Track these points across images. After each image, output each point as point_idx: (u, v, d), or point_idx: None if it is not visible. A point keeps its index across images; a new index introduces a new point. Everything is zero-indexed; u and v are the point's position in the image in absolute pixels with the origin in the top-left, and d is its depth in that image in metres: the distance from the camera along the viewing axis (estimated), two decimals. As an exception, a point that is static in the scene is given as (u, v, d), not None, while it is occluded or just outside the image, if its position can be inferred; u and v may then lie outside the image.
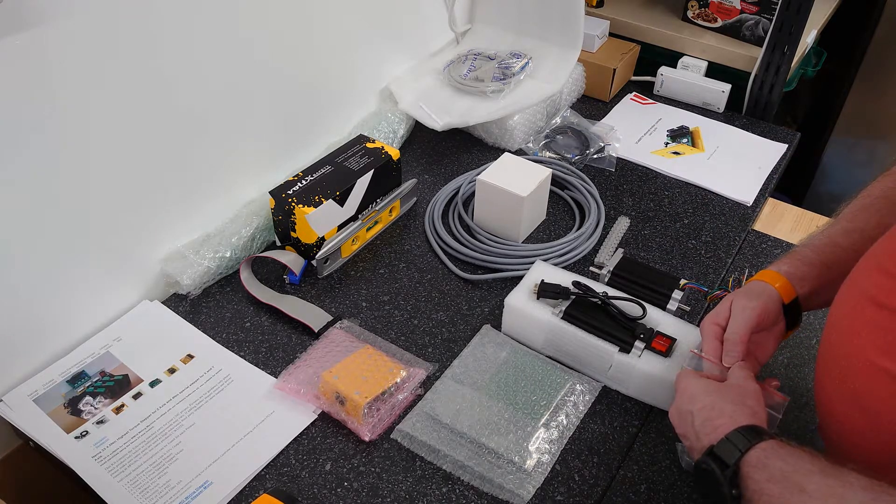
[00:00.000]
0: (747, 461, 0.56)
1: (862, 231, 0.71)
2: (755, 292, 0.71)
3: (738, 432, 0.58)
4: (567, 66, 1.18)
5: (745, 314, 0.69)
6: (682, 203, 1.06)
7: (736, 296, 0.72)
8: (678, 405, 0.66)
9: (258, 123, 0.96)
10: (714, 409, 0.62)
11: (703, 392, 0.64)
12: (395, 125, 1.12)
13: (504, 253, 0.95)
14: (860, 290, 0.59)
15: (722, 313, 0.72)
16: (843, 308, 0.61)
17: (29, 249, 0.75)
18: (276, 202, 0.90)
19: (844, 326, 0.60)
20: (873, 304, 0.56)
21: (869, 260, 0.61)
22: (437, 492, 0.70)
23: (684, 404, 0.65)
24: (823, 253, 0.73)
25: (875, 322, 0.56)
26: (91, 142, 0.76)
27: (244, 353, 0.83)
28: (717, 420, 0.60)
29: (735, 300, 0.71)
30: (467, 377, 0.79)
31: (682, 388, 0.66)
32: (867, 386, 0.56)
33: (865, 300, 0.58)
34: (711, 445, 0.59)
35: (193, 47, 0.82)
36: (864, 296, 0.58)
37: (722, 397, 0.63)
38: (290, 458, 0.73)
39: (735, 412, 0.61)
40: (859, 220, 0.72)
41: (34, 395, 0.77)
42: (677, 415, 0.66)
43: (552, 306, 0.80)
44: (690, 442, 0.63)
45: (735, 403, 0.62)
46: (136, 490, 0.69)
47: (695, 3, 1.30)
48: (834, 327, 0.62)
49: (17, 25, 0.65)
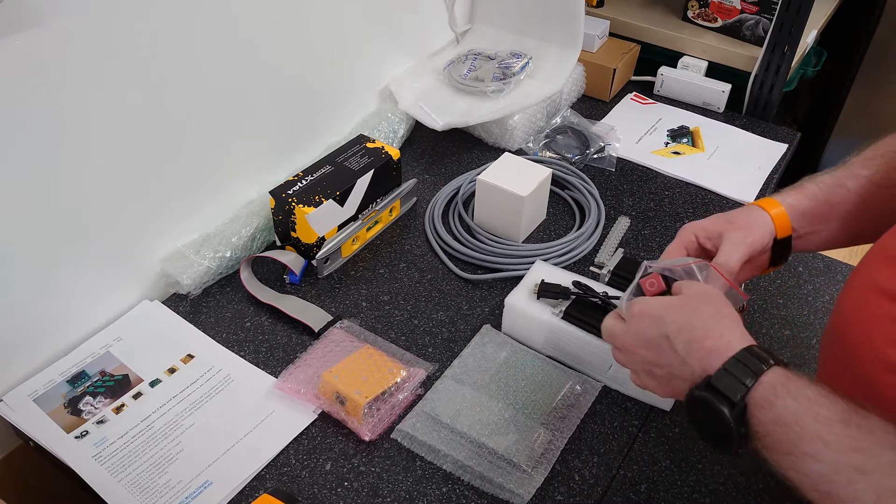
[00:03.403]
0: (752, 398, 0.51)
1: (870, 178, 0.69)
2: (751, 223, 0.69)
3: (738, 361, 0.52)
4: (567, 66, 1.18)
5: (740, 250, 0.66)
6: (682, 203, 1.06)
7: (731, 221, 0.68)
8: (640, 332, 0.58)
9: (258, 123, 0.96)
10: (696, 329, 0.55)
11: (670, 309, 0.57)
12: (395, 125, 1.12)
13: (504, 253, 0.95)
14: (871, 281, 0.58)
15: (713, 231, 0.69)
16: (852, 298, 0.60)
17: (29, 249, 0.75)
18: (276, 202, 0.90)
19: (854, 317, 0.58)
20: (885, 296, 0.55)
21: (878, 251, 0.60)
22: (437, 492, 0.70)
23: (650, 329, 0.57)
24: (828, 191, 0.70)
25: (888, 314, 0.54)
26: (91, 141, 0.76)
27: (244, 353, 0.83)
28: (705, 341, 0.54)
29: (729, 231, 0.68)
30: (467, 377, 0.79)
31: (638, 312, 0.59)
32: (877, 377, 0.54)
33: (877, 292, 0.56)
34: (709, 376, 0.53)
35: (193, 47, 0.82)
36: (875, 287, 0.57)
37: (696, 313, 0.56)
38: (290, 458, 0.73)
39: (724, 331, 0.54)
40: (868, 167, 0.70)
41: (34, 395, 0.77)
42: (643, 344, 0.58)
43: (552, 306, 0.80)
44: (671, 370, 0.56)
45: (715, 318, 0.55)
46: (136, 490, 0.69)
47: (695, 3, 1.30)
48: (842, 316, 0.60)
49: (17, 25, 0.65)
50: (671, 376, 0.57)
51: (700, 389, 0.53)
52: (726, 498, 0.70)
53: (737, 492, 0.70)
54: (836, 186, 0.70)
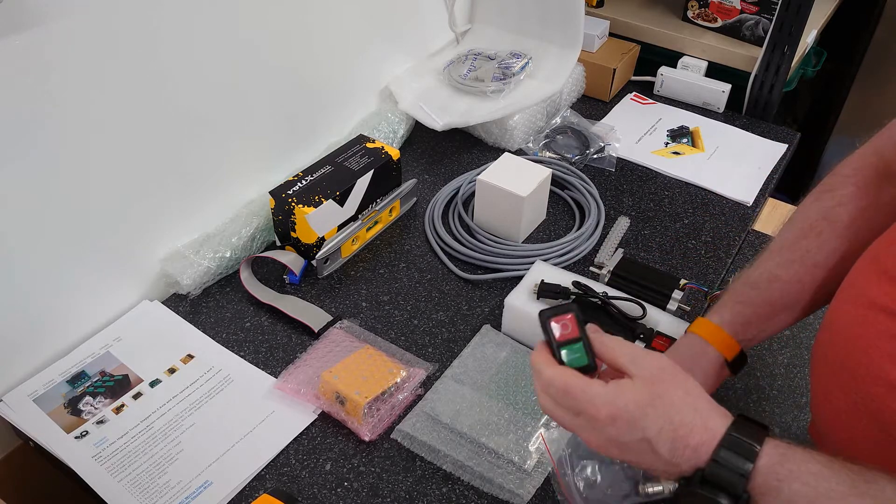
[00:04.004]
0: (754, 487, 0.48)
1: (802, 261, 0.67)
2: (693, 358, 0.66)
3: (728, 449, 0.49)
4: (567, 66, 1.18)
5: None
6: (682, 203, 1.06)
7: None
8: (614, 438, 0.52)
9: (258, 123, 0.96)
10: (678, 427, 0.50)
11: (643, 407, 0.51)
12: (395, 125, 1.12)
13: (504, 253, 0.95)
14: (866, 298, 0.57)
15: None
16: (848, 315, 0.59)
17: (29, 249, 0.75)
18: (276, 202, 0.90)
19: (849, 334, 0.57)
20: (884, 313, 0.54)
21: (869, 262, 0.59)
22: (437, 492, 0.70)
23: (626, 434, 0.51)
24: (765, 289, 0.68)
25: (887, 331, 0.53)
26: (91, 142, 0.76)
27: (244, 353, 0.83)
28: (689, 438, 0.50)
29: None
30: (467, 377, 0.79)
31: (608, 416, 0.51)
32: (879, 396, 0.53)
33: (873, 308, 0.55)
34: (700, 469, 0.50)
35: (193, 47, 0.82)
36: (871, 304, 0.55)
37: (672, 407, 0.51)
38: (290, 458, 0.73)
39: (706, 420, 0.51)
40: (799, 249, 0.68)
41: (34, 395, 0.77)
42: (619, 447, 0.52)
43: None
44: (655, 467, 0.52)
45: (690, 405, 0.51)
46: (136, 490, 0.69)
47: (695, 3, 1.30)
48: (836, 333, 0.59)
49: (17, 25, 0.65)
50: (655, 470, 0.53)
51: (697, 486, 0.49)
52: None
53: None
54: (771, 282, 0.68)
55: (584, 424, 0.53)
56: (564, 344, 0.57)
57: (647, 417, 0.51)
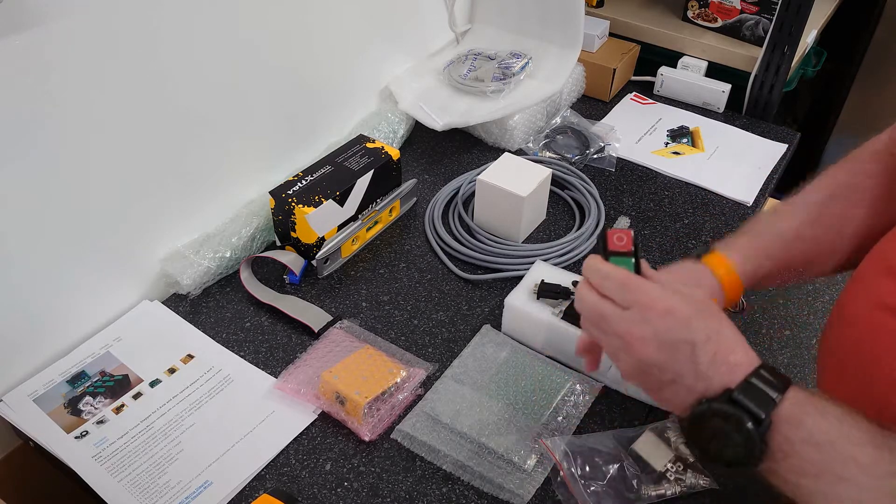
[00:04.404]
0: (779, 414, 0.48)
1: (827, 224, 0.68)
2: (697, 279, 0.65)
3: (764, 376, 0.49)
4: (567, 66, 1.18)
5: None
6: (682, 203, 1.06)
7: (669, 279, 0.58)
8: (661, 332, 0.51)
9: (258, 123, 0.96)
10: (724, 339, 0.51)
11: (698, 313, 0.52)
12: (395, 125, 1.12)
13: (504, 253, 0.95)
14: (875, 298, 0.56)
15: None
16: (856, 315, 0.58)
17: (29, 249, 0.75)
18: (276, 202, 0.90)
19: (861, 335, 0.57)
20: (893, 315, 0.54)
21: (878, 260, 0.59)
22: (437, 492, 0.70)
23: (675, 331, 0.51)
24: (790, 245, 0.68)
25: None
26: (91, 141, 0.76)
27: (244, 353, 0.83)
28: (730, 355, 0.50)
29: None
30: (467, 377, 0.79)
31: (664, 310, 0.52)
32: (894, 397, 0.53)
33: (884, 310, 0.55)
34: (729, 389, 0.49)
35: (193, 47, 0.82)
36: (881, 305, 0.55)
37: (722, 321, 0.52)
38: (290, 458, 0.73)
39: (745, 345, 0.51)
40: (825, 212, 0.68)
41: (34, 395, 0.77)
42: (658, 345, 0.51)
43: (552, 306, 0.80)
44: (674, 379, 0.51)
45: (734, 329, 0.52)
46: (136, 490, 0.69)
47: (695, 3, 1.30)
48: (847, 331, 0.59)
49: (17, 25, 0.65)
50: (674, 384, 0.52)
51: (721, 402, 0.49)
52: (726, 498, 0.69)
53: (737, 492, 0.70)
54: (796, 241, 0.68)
55: (633, 317, 0.52)
56: (615, 254, 0.58)
57: (699, 320, 0.51)
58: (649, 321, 0.52)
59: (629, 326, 0.53)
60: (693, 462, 0.70)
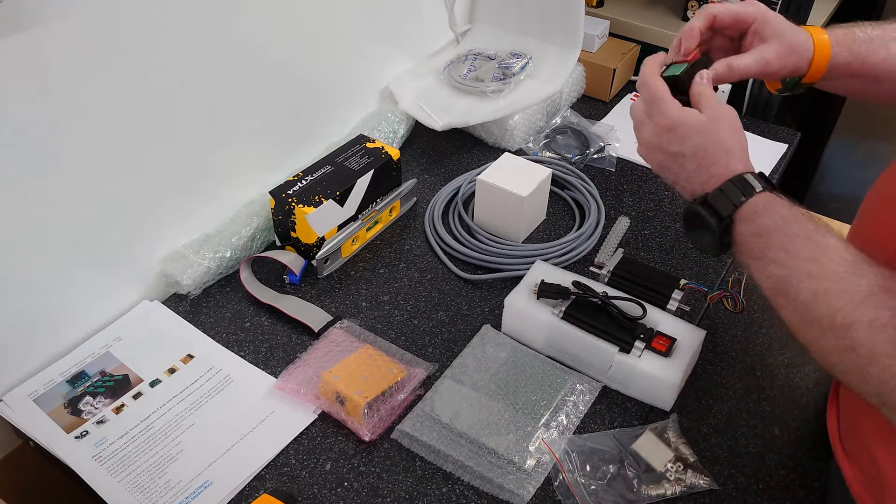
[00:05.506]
0: (739, 214, 0.60)
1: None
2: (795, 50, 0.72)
3: (733, 184, 0.61)
4: (567, 66, 1.18)
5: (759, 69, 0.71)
6: (682, 203, 1.05)
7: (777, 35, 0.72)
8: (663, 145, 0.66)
9: (258, 123, 0.96)
10: (708, 154, 0.63)
11: (695, 131, 0.64)
12: (395, 125, 1.12)
13: (504, 253, 0.95)
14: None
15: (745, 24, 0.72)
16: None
17: (29, 249, 0.75)
18: (276, 202, 0.90)
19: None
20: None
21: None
22: (437, 492, 0.70)
23: (675, 144, 0.65)
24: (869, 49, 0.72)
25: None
26: (91, 142, 0.76)
27: (244, 353, 0.83)
28: (712, 167, 0.63)
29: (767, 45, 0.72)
30: (467, 377, 0.79)
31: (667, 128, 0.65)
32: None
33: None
34: (706, 194, 0.62)
35: (193, 47, 0.82)
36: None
37: (714, 139, 0.63)
38: (290, 458, 0.73)
39: (729, 160, 0.63)
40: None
41: (34, 395, 0.77)
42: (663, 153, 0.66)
43: (552, 306, 0.80)
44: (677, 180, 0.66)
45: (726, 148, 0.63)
46: (136, 490, 0.69)
47: (695, 3, 1.30)
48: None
49: (17, 25, 0.65)
50: (677, 184, 0.67)
51: (696, 204, 0.63)
52: (726, 498, 0.70)
53: (737, 492, 0.70)
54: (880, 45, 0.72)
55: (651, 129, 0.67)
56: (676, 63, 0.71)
57: (690, 138, 0.64)
58: (656, 134, 0.66)
59: (647, 135, 0.68)
60: (693, 462, 0.71)
